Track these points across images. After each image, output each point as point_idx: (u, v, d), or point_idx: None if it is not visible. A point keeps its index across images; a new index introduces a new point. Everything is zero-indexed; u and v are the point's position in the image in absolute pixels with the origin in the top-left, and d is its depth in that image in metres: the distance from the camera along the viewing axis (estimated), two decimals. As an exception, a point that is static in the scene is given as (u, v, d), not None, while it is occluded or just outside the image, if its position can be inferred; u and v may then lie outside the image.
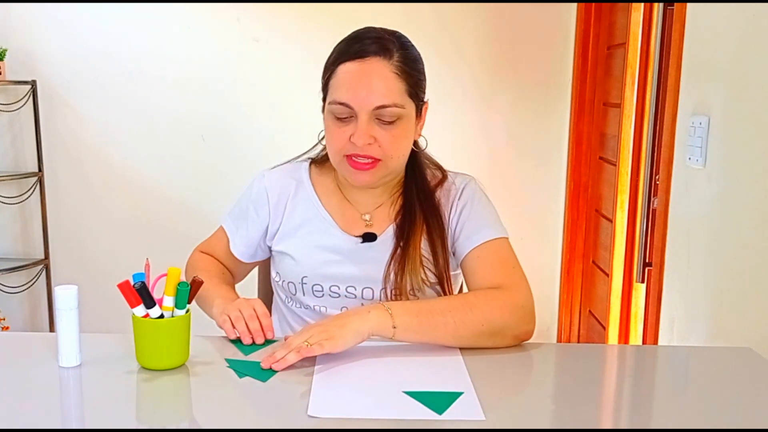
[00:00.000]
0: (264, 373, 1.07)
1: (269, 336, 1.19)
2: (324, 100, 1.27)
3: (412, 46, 1.27)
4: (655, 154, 2.18)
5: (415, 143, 1.32)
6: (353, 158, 1.23)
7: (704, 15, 1.66)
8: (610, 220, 2.61)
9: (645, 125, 2.34)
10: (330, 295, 1.31)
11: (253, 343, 1.18)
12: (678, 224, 1.77)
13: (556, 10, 2.92)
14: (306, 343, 1.08)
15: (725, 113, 1.56)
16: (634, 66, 2.42)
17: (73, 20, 2.95)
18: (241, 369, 1.08)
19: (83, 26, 2.96)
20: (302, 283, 1.32)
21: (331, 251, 1.31)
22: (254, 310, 1.20)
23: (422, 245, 1.29)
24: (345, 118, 1.22)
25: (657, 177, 1.95)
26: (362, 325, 1.12)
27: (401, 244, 1.29)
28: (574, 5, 2.91)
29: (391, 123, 1.22)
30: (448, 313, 1.16)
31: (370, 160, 1.23)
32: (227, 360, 1.11)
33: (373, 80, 1.20)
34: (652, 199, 2.17)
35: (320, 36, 2.94)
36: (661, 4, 2.17)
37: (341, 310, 1.30)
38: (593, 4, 2.79)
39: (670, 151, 1.80)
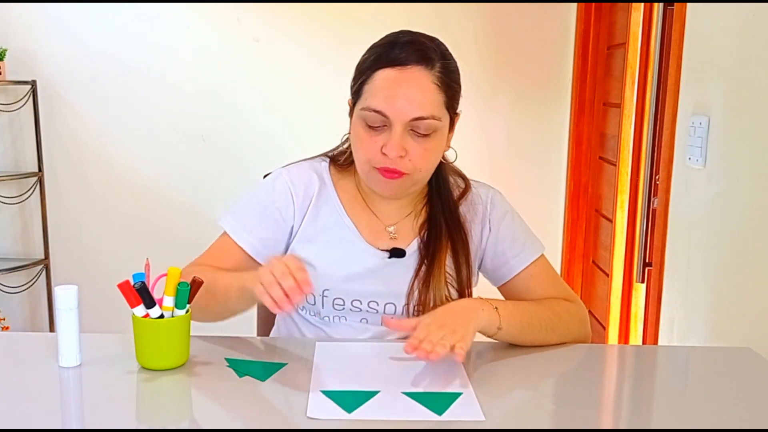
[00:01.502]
0: (263, 373, 1.07)
1: (307, 290, 1.03)
2: (354, 103, 1.21)
3: (451, 55, 1.22)
4: (655, 154, 2.18)
5: (443, 155, 1.29)
6: (382, 170, 1.18)
7: (704, 15, 1.66)
8: (610, 220, 2.61)
9: (645, 125, 2.34)
10: (351, 309, 1.26)
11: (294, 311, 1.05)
12: (678, 224, 1.77)
13: (556, 10, 2.92)
14: (443, 343, 1.05)
15: (725, 113, 1.56)
16: (634, 66, 2.42)
17: (73, 20, 2.95)
18: (241, 368, 1.08)
19: (83, 26, 2.96)
20: (323, 296, 1.25)
21: (355, 265, 1.25)
22: (287, 266, 1.04)
23: (447, 263, 1.26)
24: (377, 126, 1.16)
25: (657, 177, 1.95)
26: (477, 325, 1.13)
27: (426, 261, 1.26)
28: (574, 5, 2.91)
29: (425, 136, 1.16)
30: (542, 319, 1.21)
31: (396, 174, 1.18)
32: (227, 359, 1.11)
33: (413, 90, 1.14)
34: (652, 199, 2.17)
35: (320, 36, 2.95)
36: (661, 4, 2.17)
37: (360, 321, 1.27)
38: (593, 4, 2.79)
39: (670, 151, 1.80)
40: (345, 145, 1.32)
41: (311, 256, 1.26)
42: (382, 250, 1.27)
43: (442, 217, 1.28)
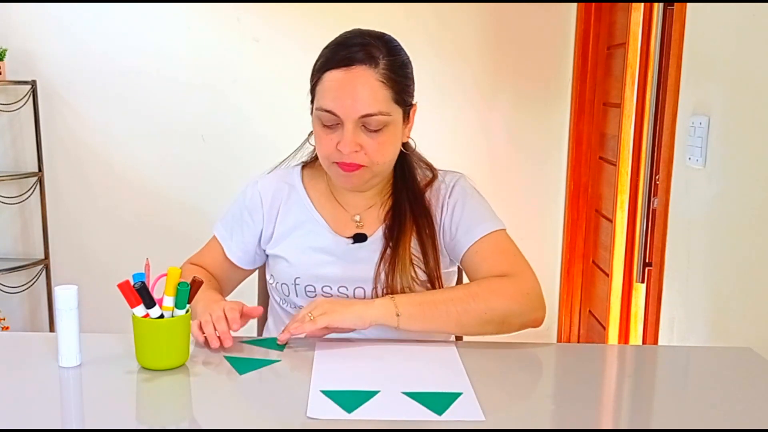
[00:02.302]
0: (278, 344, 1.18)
1: (227, 344, 1.14)
2: (312, 103, 1.27)
3: (400, 50, 1.26)
4: (655, 154, 2.18)
5: (405, 145, 1.33)
6: (340, 164, 1.24)
7: (704, 15, 1.66)
8: (610, 220, 2.61)
9: (645, 125, 2.34)
10: (322, 295, 1.32)
11: (221, 347, 1.15)
12: (678, 224, 1.77)
13: (556, 10, 2.92)
14: (310, 316, 1.14)
15: (725, 113, 1.56)
16: (634, 66, 2.42)
17: (73, 20, 2.95)
18: (241, 366, 1.09)
19: (83, 26, 2.96)
20: (295, 284, 1.33)
21: (322, 252, 1.32)
22: (224, 312, 1.17)
23: (412, 245, 1.30)
24: (331, 125, 1.23)
25: (657, 177, 1.95)
26: (366, 311, 1.16)
27: (390, 244, 1.30)
28: (574, 5, 2.91)
29: (377, 131, 1.22)
30: (450, 302, 1.19)
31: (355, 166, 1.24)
32: (226, 357, 1.12)
33: (358, 89, 1.19)
34: (652, 199, 2.17)
35: (320, 36, 2.91)
36: (661, 4, 2.17)
37: None
38: (593, 4, 2.79)
39: (670, 151, 1.80)
40: (311, 143, 1.37)
41: (284, 251, 1.35)
42: (347, 237, 1.33)
43: (407, 202, 1.32)
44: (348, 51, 1.21)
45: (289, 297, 1.34)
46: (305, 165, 1.42)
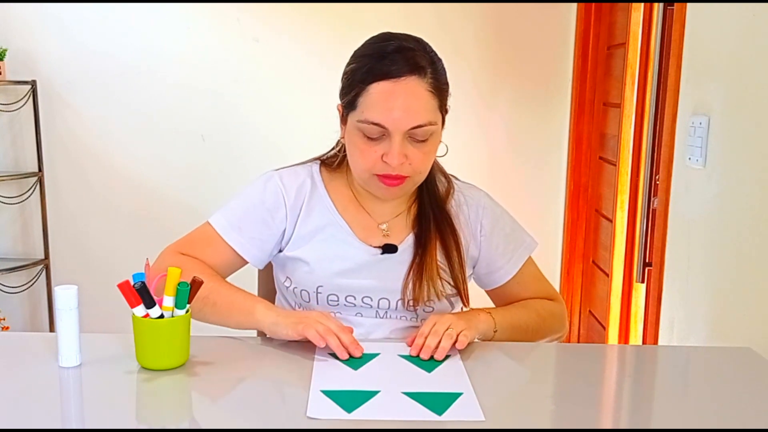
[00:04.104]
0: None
1: (359, 353, 1.13)
2: (346, 112, 1.22)
3: (437, 56, 1.23)
4: (655, 154, 2.18)
5: None
6: (384, 177, 1.20)
7: (704, 15, 1.66)
8: (610, 220, 2.61)
9: (645, 125, 2.34)
10: (345, 304, 1.28)
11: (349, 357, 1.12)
12: (678, 224, 1.77)
13: (556, 10, 2.92)
14: (451, 330, 1.14)
15: (725, 113, 1.56)
16: (634, 66, 2.42)
17: (73, 20, 2.95)
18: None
19: (83, 26, 2.96)
20: (317, 293, 1.28)
21: (348, 262, 1.28)
22: (338, 325, 1.15)
23: (437, 254, 1.28)
24: (376, 137, 1.18)
25: (657, 177, 1.95)
26: (478, 324, 1.21)
27: (418, 255, 1.28)
28: (574, 5, 2.91)
29: (423, 141, 1.19)
30: (529, 322, 1.30)
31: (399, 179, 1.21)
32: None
33: (409, 101, 1.16)
34: (652, 199, 2.17)
35: (320, 36, 2.95)
36: (661, 4, 2.17)
37: (355, 315, 1.29)
38: (593, 4, 2.79)
39: (670, 151, 1.80)
40: (337, 148, 1.34)
41: (305, 254, 1.29)
42: (374, 246, 1.29)
43: (431, 211, 1.31)
44: (394, 62, 1.16)
45: (309, 303, 1.30)
46: (322, 163, 1.35)
